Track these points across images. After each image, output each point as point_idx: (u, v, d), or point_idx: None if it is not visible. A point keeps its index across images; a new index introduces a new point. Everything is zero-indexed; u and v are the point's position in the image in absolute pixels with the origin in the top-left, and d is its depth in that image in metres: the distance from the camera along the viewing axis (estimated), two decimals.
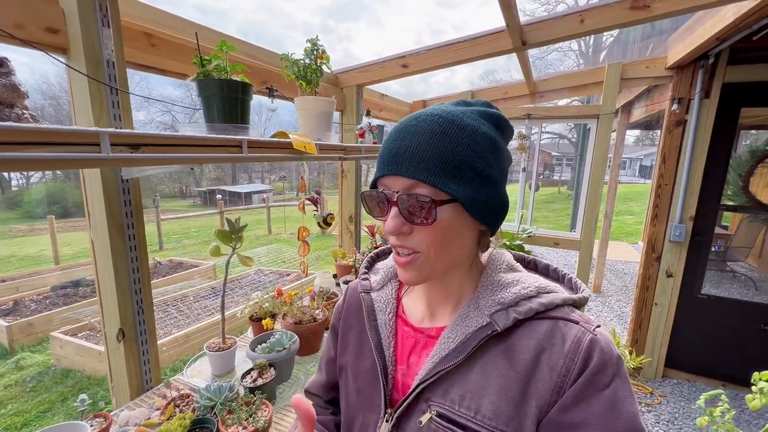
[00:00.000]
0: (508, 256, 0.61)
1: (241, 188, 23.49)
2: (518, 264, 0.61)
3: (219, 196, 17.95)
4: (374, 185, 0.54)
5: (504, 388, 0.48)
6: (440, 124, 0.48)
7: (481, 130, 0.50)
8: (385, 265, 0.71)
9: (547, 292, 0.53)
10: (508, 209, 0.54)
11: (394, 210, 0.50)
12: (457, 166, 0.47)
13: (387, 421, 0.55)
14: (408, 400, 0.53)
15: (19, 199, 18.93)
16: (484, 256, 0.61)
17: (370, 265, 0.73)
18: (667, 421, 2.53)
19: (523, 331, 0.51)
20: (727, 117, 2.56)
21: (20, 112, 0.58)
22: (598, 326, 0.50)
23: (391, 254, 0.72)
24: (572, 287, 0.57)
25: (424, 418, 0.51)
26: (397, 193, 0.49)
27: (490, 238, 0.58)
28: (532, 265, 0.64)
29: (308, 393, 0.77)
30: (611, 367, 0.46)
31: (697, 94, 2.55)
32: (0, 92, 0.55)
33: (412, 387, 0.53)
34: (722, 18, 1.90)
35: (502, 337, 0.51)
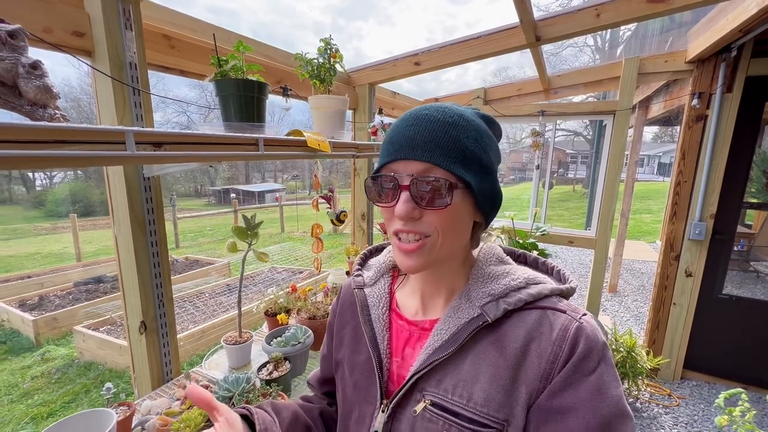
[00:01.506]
0: (498, 250, 0.63)
1: (255, 187, 23.81)
2: (508, 257, 0.63)
3: (233, 195, 18.26)
4: (378, 172, 0.54)
5: (495, 377, 0.50)
6: (451, 116, 0.51)
7: (482, 127, 0.53)
8: (377, 261, 0.72)
9: (536, 283, 0.55)
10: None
11: (405, 194, 0.50)
12: (467, 155, 0.50)
13: (383, 411, 0.56)
14: (403, 391, 0.54)
15: (43, 198, 19.62)
16: (475, 251, 0.63)
17: (363, 262, 0.75)
18: (686, 424, 2.47)
19: (513, 321, 0.53)
20: (750, 112, 2.48)
21: (53, 112, 0.61)
22: (585, 314, 0.52)
23: (384, 250, 0.75)
24: (560, 279, 0.59)
25: (419, 407, 0.53)
26: (411, 176, 0.50)
27: (483, 233, 0.60)
28: (521, 259, 0.66)
29: (309, 384, 0.82)
30: (597, 353, 0.48)
31: (719, 89, 2.48)
32: (35, 93, 0.58)
33: (407, 378, 0.54)
34: (746, 9, 1.85)
35: (493, 328, 0.53)
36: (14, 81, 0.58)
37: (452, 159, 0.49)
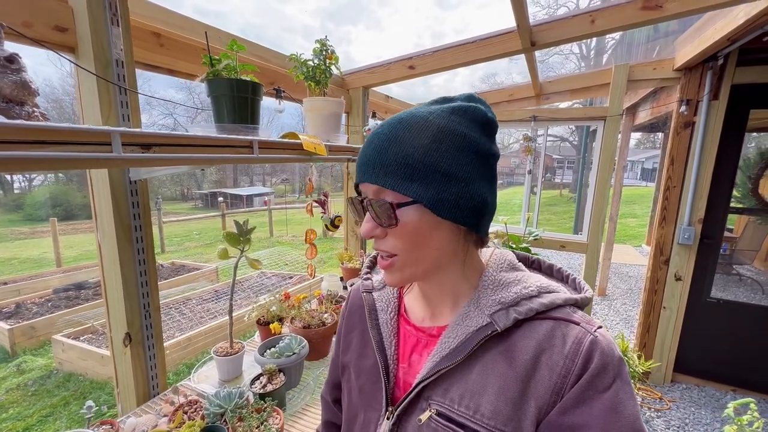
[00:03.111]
0: (510, 256, 0.60)
1: (243, 191, 23.49)
2: (521, 263, 0.60)
3: (221, 199, 17.96)
4: (358, 191, 0.55)
5: (503, 388, 0.48)
6: (401, 128, 0.49)
7: (447, 129, 0.49)
8: None
9: (549, 292, 0.53)
10: (491, 206, 0.52)
11: (367, 215, 0.52)
12: (417, 168, 0.47)
13: (388, 418, 0.55)
14: (408, 398, 0.53)
15: (22, 201, 18.95)
16: (485, 255, 0.60)
17: (372, 265, 0.74)
18: (678, 427, 2.49)
19: (524, 331, 0.51)
20: (736, 119, 2.54)
21: (30, 110, 0.56)
22: (600, 327, 0.50)
23: None
24: (576, 287, 0.57)
25: (424, 417, 0.52)
26: (366, 198, 0.52)
27: (487, 236, 0.56)
28: (535, 265, 0.64)
29: (322, 398, 0.80)
30: (612, 369, 0.46)
31: (706, 96, 2.53)
32: (11, 89, 0.53)
33: (413, 385, 0.53)
34: (734, 18, 1.89)
35: (503, 337, 0.51)
36: None
37: (398, 176, 0.48)
